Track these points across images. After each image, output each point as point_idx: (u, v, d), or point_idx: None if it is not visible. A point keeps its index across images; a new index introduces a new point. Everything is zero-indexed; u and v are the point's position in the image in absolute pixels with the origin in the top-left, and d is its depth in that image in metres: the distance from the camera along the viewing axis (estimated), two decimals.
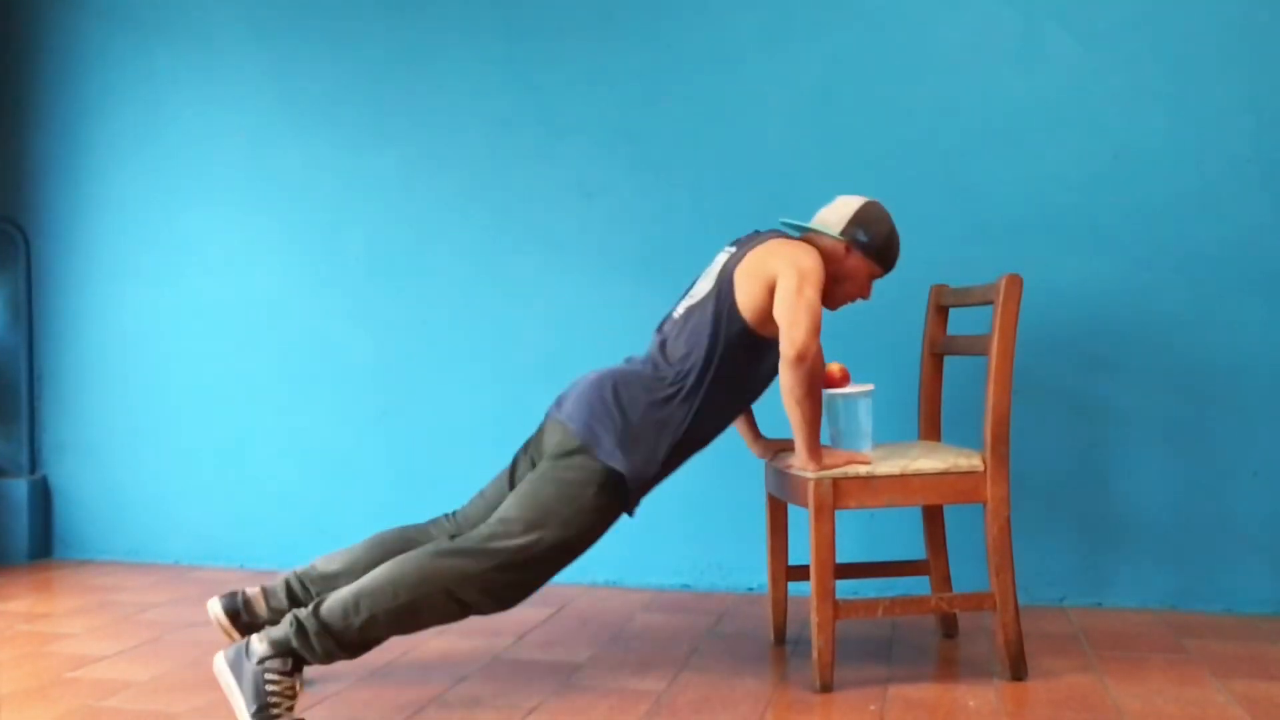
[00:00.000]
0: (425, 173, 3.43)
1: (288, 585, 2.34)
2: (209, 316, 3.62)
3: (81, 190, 3.75)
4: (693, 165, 3.20)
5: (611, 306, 3.23)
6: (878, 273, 2.41)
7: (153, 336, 3.68)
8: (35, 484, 3.74)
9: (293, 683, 2.04)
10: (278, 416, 3.55)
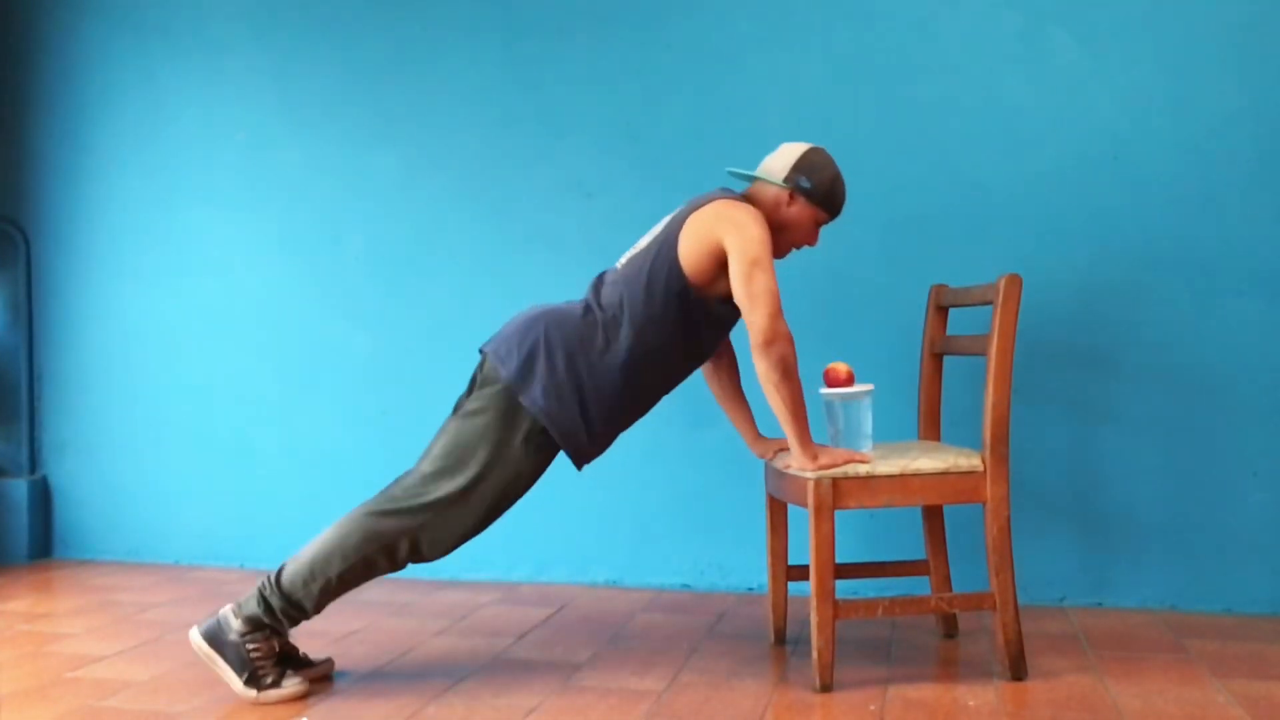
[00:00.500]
0: (425, 173, 3.43)
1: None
2: (209, 316, 3.62)
3: (81, 190, 3.75)
4: (693, 165, 3.20)
5: None
6: (823, 219, 2.40)
7: (153, 336, 3.68)
8: (35, 484, 3.74)
9: (272, 644, 2.27)
10: (277, 416, 3.55)
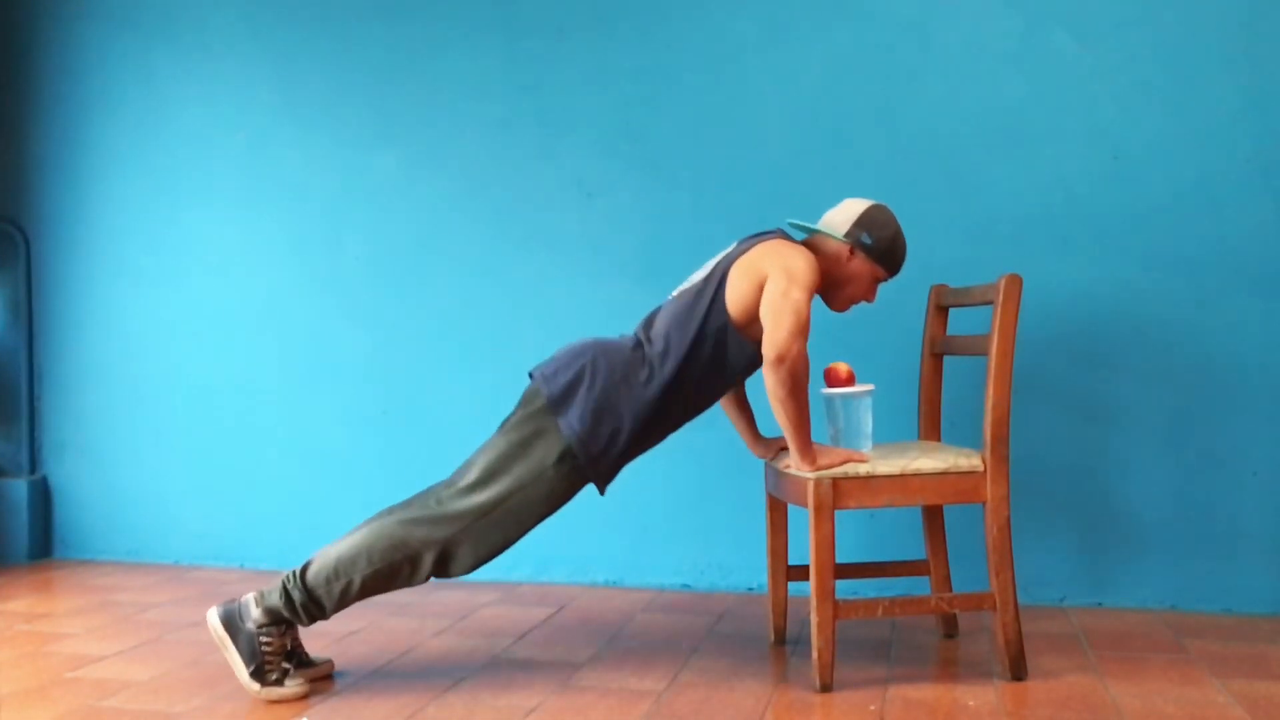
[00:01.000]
0: (425, 173, 3.43)
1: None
2: (209, 316, 3.62)
3: (81, 190, 3.75)
4: (693, 165, 3.20)
5: (611, 306, 3.23)
6: (882, 276, 2.40)
7: (153, 336, 3.68)
8: (35, 484, 3.74)
9: (284, 641, 2.28)
10: (278, 416, 3.55)
